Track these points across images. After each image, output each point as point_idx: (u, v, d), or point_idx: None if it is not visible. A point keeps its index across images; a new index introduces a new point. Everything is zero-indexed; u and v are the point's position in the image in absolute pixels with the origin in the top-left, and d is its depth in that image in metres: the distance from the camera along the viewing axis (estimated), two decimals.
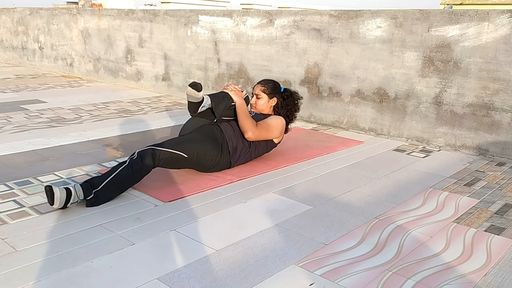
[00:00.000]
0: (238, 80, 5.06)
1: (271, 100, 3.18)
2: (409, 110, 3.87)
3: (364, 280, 1.75)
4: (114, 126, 4.06)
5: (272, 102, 3.18)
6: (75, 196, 2.23)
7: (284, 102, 3.19)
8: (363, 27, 4.00)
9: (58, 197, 2.16)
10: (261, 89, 3.18)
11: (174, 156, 2.59)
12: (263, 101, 3.17)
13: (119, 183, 2.38)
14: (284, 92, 3.22)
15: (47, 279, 1.67)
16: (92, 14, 6.84)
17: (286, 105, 3.19)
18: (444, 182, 2.91)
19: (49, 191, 2.15)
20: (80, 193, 2.25)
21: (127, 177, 2.40)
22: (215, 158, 2.80)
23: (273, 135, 3.05)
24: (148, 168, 2.48)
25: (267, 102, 3.17)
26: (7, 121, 4.08)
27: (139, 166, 2.43)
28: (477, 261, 1.92)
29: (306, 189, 2.70)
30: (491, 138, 3.50)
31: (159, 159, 2.51)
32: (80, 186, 2.28)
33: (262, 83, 3.23)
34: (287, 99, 3.20)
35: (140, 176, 2.47)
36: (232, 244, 1.99)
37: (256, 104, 3.18)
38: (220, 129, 2.90)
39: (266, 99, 3.17)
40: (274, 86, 3.21)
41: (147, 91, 6.04)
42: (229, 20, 5.05)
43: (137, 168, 2.42)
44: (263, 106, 3.17)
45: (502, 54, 3.35)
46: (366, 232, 2.16)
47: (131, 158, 2.46)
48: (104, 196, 2.33)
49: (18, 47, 8.61)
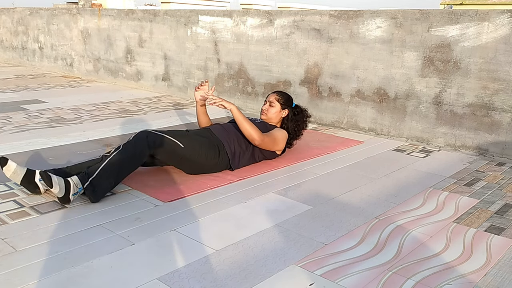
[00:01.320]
0: (238, 80, 5.06)
1: (283, 111, 3.20)
2: (409, 110, 3.87)
3: (364, 280, 1.75)
4: (114, 126, 4.06)
5: (283, 113, 3.20)
6: (74, 187, 2.23)
7: (294, 117, 3.22)
8: (363, 27, 4.00)
9: (56, 181, 2.17)
10: (275, 98, 3.20)
11: (170, 143, 2.55)
12: (275, 109, 3.18)
13: (114, 168, 2.35)
14: (296, 108, 3.26)
15: (47, 279, 1.67)
16: (92, 14, 6.84)
17: (296, 120, 3.22)
18: (444, 182, 2.91)
19: (44, 174, 2.17)
20: (77, 181, 2.25)
21: (121, 161, 2.37)
22: (212, 157, 2.77)
23: (277, 147, 3.09)
24: (142, 153, 2.44)
25: (279, 111, 3.19)
26: (7, 121, 4.08)
27: (133, 149, 2.40)
28: (477, 261, 1.92)
29: (306, 189, 2.70)
30: (491, 138, 3.50)
31: (154, 143, 2.47)
32: (76, 176, 2.28)
33: (277, 93, 3.26)
34: (297, 115, 3.23)
35: (134, 160, 2.43)
36: (232, 244, 1.99)
37: (268, 111, 3.19)
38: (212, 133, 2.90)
39: (278, 109, 3.18)
40: (288, 99, 3.25)
41: (147, 91, 6.04)
42: (229, 20, 5.05)
43: (131, 151, 2.39)
44: (274, 115, 3.18)
45: (502, 54, 3.35)
46: (366, 232, 2.16)
47: (124, 143, 2.45)
48: (101, 184, 2.31)
49: (18, 47, 8.61)
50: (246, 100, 5.04)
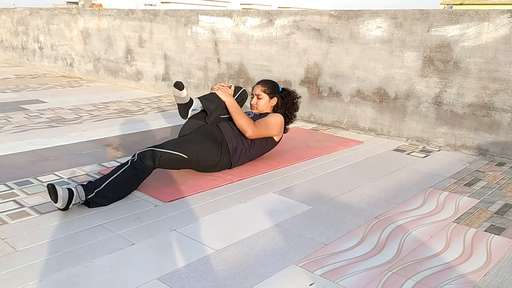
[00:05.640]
0: (238, 80, 5.06)
1: (272, 100, 3.18)
2: (409, 110, 3.87)
3: (364, 280, 1.75)
4: (114, 126, 4.06)
5: (272, 102, 3.19)
6: (77, 197, 2.22)
7: (282, 101, 3.21)
8: (363, 27, 4.00)
9: (61, 195, 2.16)
10: (261, 89, 3.18)
11: (174, 157, 2.59)
12: (264, 101, 3.17)
13: (121, 183, 2.38)
14: (282, 91, 3.24)
15: (47, 279, 1.67)
16: (92, 14, 6.84)
17: (285, 103, 3.21)
18: (444, 182, 2.91)
19: (51, 189, 2.15)
20: (82, 194, 2.24)
21: (129, 177, 2.40)
22: (215, 158, 2.80)
23: (273, 132, 3.05)
24: (149, 169, 2.48)
25: (268, 102, 3.18)
26: (7, 121, 4.08)
27: (141, 167, 2.43)
28: (477, 261, 1.92)
29: (306, 189, 2.70)
30: (491, 138, 3.50)
31: (160, 160, 2.51)
32: (82, 187, 2.27)
33: (261, 83, 3.23)
34: (285, 98, 3.22)
35: (141, 177, 2.47)
36: (232, 244, 1.99)
37: (258, 105, 3.18)
38: (219, 129, 2.91)
39: (267, 99, 3.17)
40: (274, 86, 3.22)
41: (147, 91, 6.04)
42: (229, 20, 5.05)
43: (138, 168, 2.42)
44: (264, 107, 3.18)
45: (502, 54, 3.35)
46: (366, 232, 2.16)
47: (132, 159, 2.46)
48: (106, 196, 2.32)
49: (18, 47, 8.61)
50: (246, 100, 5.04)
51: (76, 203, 2.24)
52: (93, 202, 2.28)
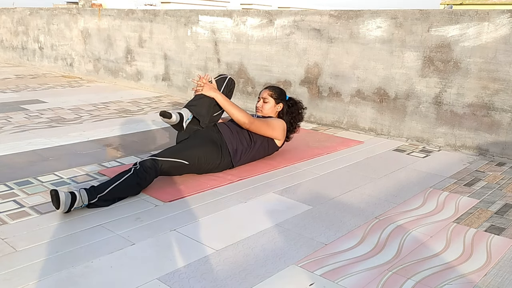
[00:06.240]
0: (238, 80, 5.06)
1: (277, 105, 3.21)
2: (409, 110, 3.87)
3: (364, 280, 1.75)
4: (114, 126, 4.06)
5: (278, 108, 3.21)
6: (80, 201, 2.22)
7: (289, 110, 3.23)
8: (363, 27, 4.00)
9: (64, 201, 2.16)
10: (268, 94, 3.21)
11: (176, 165, 2.61)
12: (269, 105, 3.19)
13: (123, 190, 2.39)
14: (289, 100, 3.26)
15: (47, 279, 1.67)
16: (92, 14, 6.84)
17: (291, 112, 3.23)
18: (444, 182, 2.91)
19: (54, 196, 2.15)
20: (84, 198, 2.24)
21: (131, 185, 2.41)
22: (216, 161, 2.81)
23: (273, 132, 3.05)
24: (150, 177, 2.50)
25: (274, 107, 3.20)
26: (7, 121, 4.08)
27: (143, 175, 2.45)
28: (477, 261, 1.92)
29: (306, 189, 2.70)
30: (491, 138, 3.50)
31: (161, 168, 2.54)
32: (85, 191, 2.27)
33: (269, 88, 3.26)
34: (291, 107, 3.24)
35: (143, 185, 2.48)
36: (232, 244, 1.99)
37: (263, 108, 3.20)
38: (217, 130, 2.91)
39: (272, 104, 3.19)
40: (281, 92, 3.25)
41: (147, 91, 6.05)
42: (229, 20, 5.05)
43: (141, 177, 2.44)
44: (269, 111, 3.19)
45: (502, 54, 3.35)
46: (366, 232, 2.16)
47: (135, 167, 2.47)
48: (107, 200, 2.34)
49: (18, 47, 8.61)
50: (246, 100, 5.04)
51: (78, 207, 2.24)
52: (94, 205, 2.29)
